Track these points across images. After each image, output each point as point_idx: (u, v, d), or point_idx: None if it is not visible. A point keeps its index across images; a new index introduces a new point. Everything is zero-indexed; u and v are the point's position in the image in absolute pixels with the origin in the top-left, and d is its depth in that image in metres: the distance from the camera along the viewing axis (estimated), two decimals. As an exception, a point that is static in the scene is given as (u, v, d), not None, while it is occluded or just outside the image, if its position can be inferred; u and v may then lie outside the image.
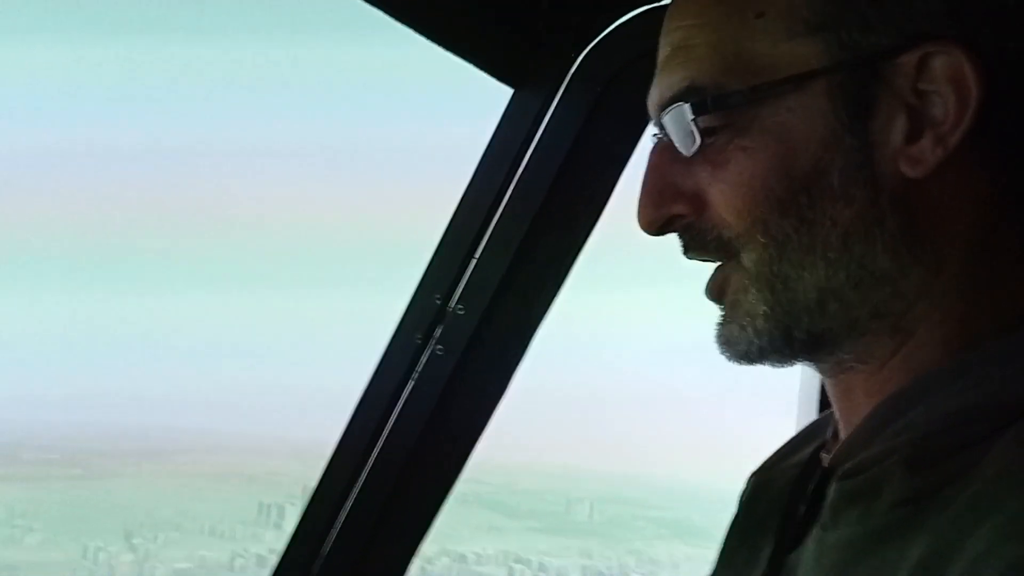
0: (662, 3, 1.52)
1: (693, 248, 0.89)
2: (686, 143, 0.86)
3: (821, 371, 0.90)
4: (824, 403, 0.96)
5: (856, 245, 0.82)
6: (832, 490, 0.83)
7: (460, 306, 1.57)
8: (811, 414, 1.67)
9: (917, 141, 0.81)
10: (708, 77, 0.85)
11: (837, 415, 0.92)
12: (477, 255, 1.57)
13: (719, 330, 0.89)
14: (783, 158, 0.83)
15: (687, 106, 0.85)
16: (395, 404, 1.59)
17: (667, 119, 0.87)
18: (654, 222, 0.88)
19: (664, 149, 0.89)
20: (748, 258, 0.85)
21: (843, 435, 0.90)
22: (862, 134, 0.82)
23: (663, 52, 0.90)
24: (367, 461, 1.59)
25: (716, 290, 0.89)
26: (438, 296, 1.57)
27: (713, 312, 0.90)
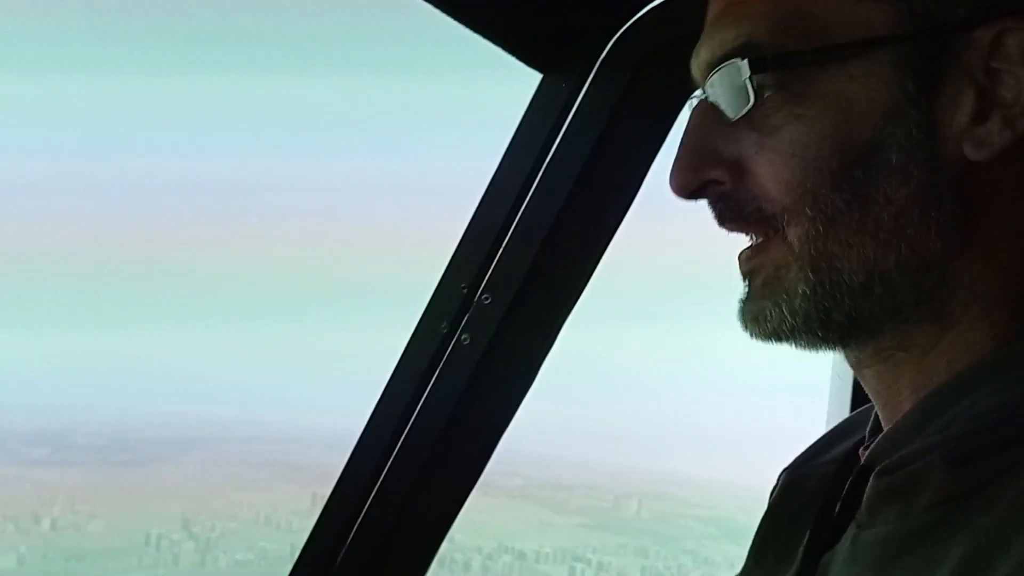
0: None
1: (729, 219, 0.84)
2: (735, 105, 0.81)
3: (858, 359, 0.85)
4: (856, 401, 0.92)
5: (909, 226, 0.77)
6: (870, 487, 0.79)
7: (486, 295, 1.54)
8: (843, 412, 1.64)
9: (984, 122, 0.77)
10: (767, 35, 0.80)
11: (878, 409, 0.88)
12: (504, 243, 1.55)
13: (747, 306, 0.84)
14: (840, 128, 0.78)
15: (743, 63, 0.80)
16: (420, 394, 1.57)
17: (716, 79, 0.83)
18: (687, 186, 0.84)
19: (707, 111, 0.84)
20: (792, 233, 0.80)
21: (884, 426, 0.86)
22: (926, 109, 0.77)
23: (715, 7, 0.85)
24: (392, 451, 1.58)
25: (749, 266, 0.84)
26: (464, 285, 1.55)
27: None
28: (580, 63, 1.53)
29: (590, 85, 1.53)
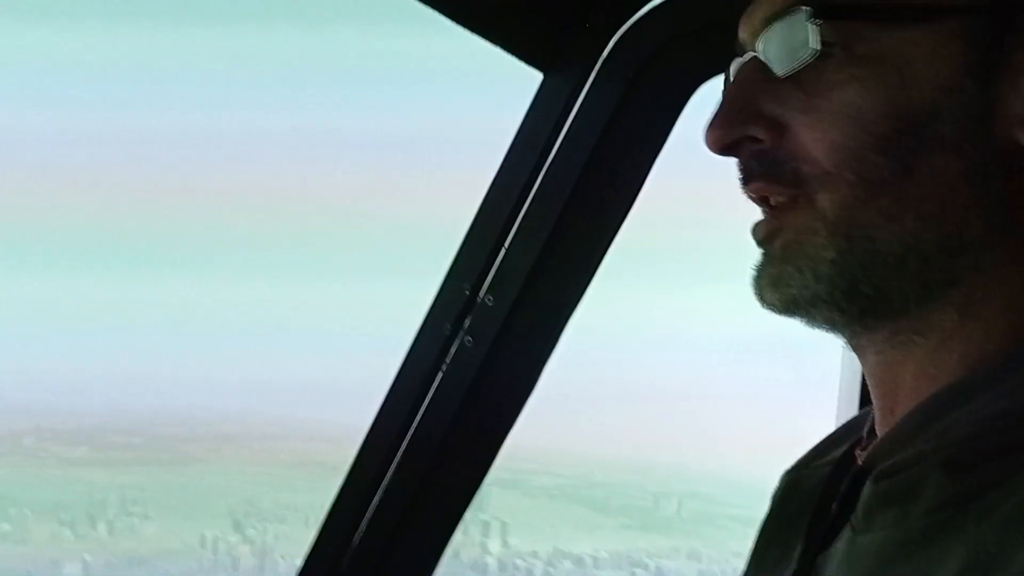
0: (697, -15, 1.48)
1: (761, 178, 0.80)
2: (787, 59, 0.78)
3: (869, 341, 0.82)
4: (864, 402, 0.90)
5: (954, 204, 0.74)
6: (866, 491, 0.78)
7: (489, 296, 1.54)
8: (852, 409, 1.62)
9: None
10: None
11: (876, 401, 0.85)
12: (507, 244, 1.54)
13: (765, 270, 0.81)
14: (897, 94, 0.75)
15: (806, 9, 0.77)
16: (424, 396, 1.57)
17: (772, 32, 0.80)
18: (723, 139, 0.81)
19: (754, 68, 0.81)
20: (828, 198, 0.77)
21: (880, 431, 0.84)
22: (985, 86, 0.74)
23: None
24: (396, 453, 1.58)
25: (769, 229, 0.81)
26: (467, 286, 1.54)
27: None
28: (581, 62, 1.52)
29: (592, 84, 1.52)
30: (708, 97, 1.50)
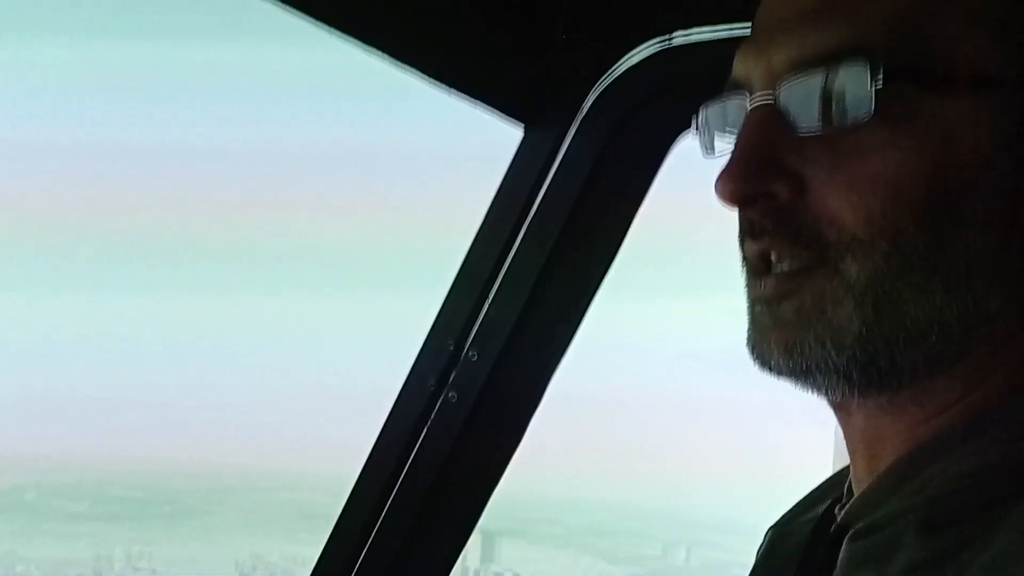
0: (677, 37, 1.48)
1: (775, 237, 0.76)
2: (817, 115, 0.74)
3: (860, 408, 0.79)
4: None
5: (978, 278, 0.73)
6: (844, 551, 0.77)
7: (472, 352, 1.53)
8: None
9: None
10: (880, 43, 0.73)
11: (854, 463, 0.84)
12: (490, 298, 1.54)
13: (771, 333, 0.76)
14: (939, 166, 0.72)
15: (866, 66, 0.72)
16: (409, 452, 1.55)
17: (798, 83, 0.75)
18: (740, 193, 0.76)
19: (770, 117, 0.76)
20: (857, 267, 0.73)
21: (857, 488, 0.83)
22: (1019, 162, 0.73)
23: (794, 4, 0.77)
24: (382, 508, 1.56)
25: (779, 291, 0.76)
26: (451, 341, 1.54)
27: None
28: (562, 115, 1.52)
29: (573, 137, 1.52)
30: (688, 149, 1.50)
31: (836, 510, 0.86)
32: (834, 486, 0.94)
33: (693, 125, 0.86)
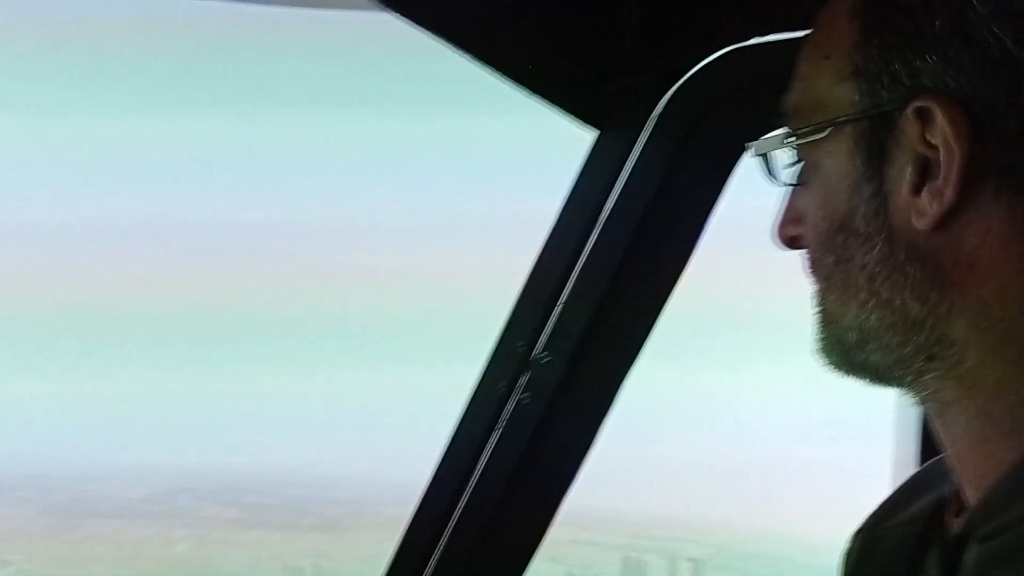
0: (748, 43, 1.49)
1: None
2: (783, 170, 0.94)
3: (948, 411, 0.86)
4: (924, 439, 0.94)
5: (882, 289, 0.84)
6: (975, 553, 0.80)
7: (545, 354, 1.53)
8: (909, 452, 1.59)
9: (919, 194, 0.83)
10: (793, 108, 0.91)
11: (962, 469, 0.87)
12: (561, 302, 1.54)
13: (815, 344, 0.92)
14: (826, 198, 0.87)
15: (785, 132, 0.92)
16: (480, 456, 1.56)
17: (771, 145, 0.94)
18: (779, 239, 0.94)
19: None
20: (815, 294, 0.91)
21: (970, 492, 0.86)
22: (877, 182, 0.84)
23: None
24: (453, 512, 1.56)
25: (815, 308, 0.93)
26: (522, 344, 1.54)
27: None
28: (635, 119, 1.53)
29: (646, 141, 1.53)
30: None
31: (949, 519, 0.89)
32: (922, 484, 0.96)
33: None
